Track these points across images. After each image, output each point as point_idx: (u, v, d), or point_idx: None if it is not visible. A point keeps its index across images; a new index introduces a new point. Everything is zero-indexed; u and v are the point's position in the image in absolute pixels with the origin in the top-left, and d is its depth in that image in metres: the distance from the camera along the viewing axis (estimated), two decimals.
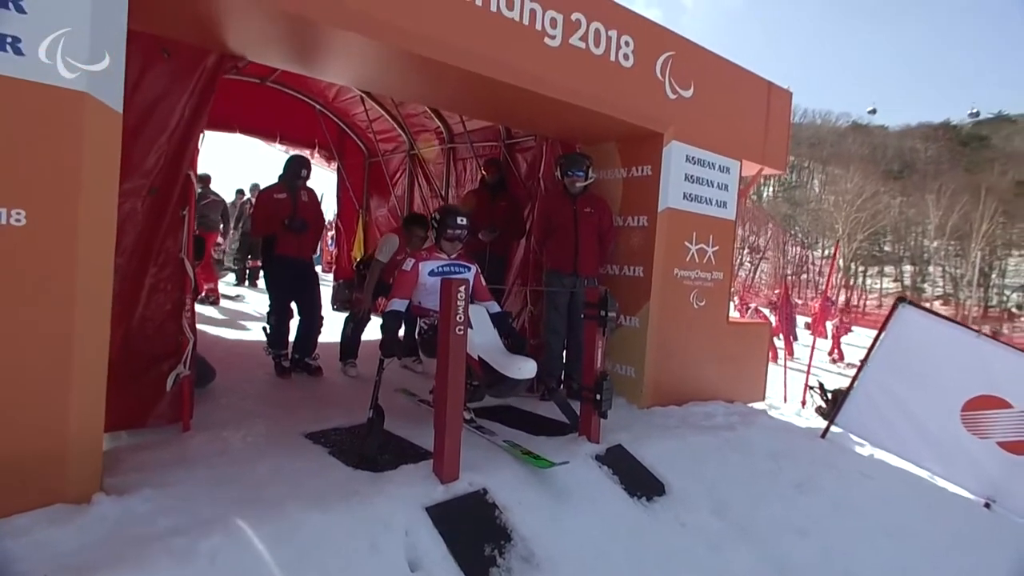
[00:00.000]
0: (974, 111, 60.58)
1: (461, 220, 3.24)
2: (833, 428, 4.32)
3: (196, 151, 3.02)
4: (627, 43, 3.69)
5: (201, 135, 3.02)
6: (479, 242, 4.79)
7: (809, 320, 15.10)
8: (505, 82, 3.19)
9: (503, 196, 5.13)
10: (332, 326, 4.90)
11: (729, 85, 4.51)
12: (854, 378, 4.41)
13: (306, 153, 6.71)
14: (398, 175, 7.53)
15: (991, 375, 3.97)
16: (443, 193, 6.73)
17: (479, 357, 2.87)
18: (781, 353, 10.47)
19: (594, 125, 4.00)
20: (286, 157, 4.63)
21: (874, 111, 63.64)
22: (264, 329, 4.51)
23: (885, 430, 4.22)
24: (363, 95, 6.45)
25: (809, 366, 6.90)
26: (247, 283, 9.55)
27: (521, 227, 5.02)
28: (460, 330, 2.44)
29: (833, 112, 67.62)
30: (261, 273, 6.27)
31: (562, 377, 4.26)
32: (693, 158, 4.28)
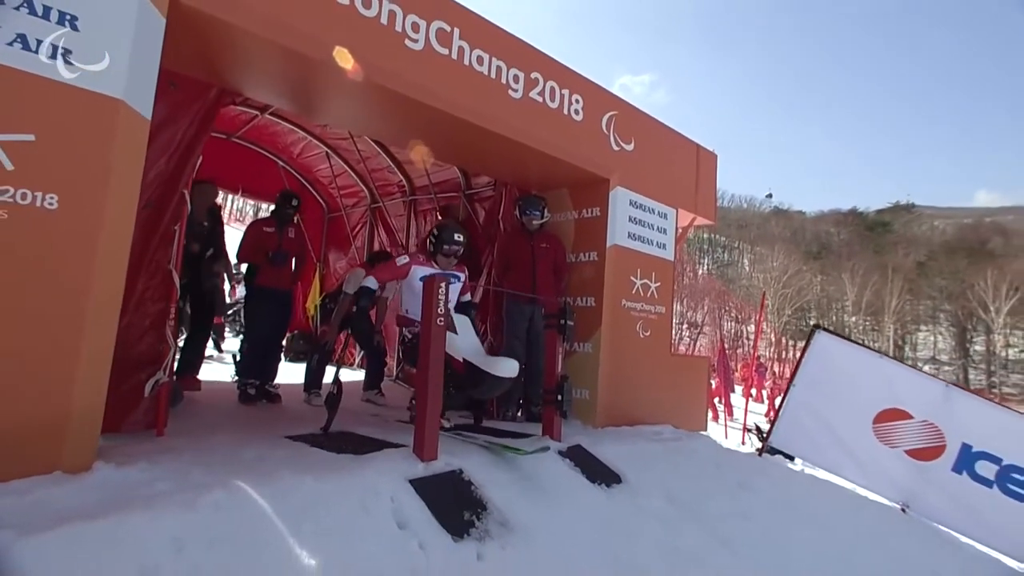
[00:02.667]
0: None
1: (459, 237, 3.58)
2: (766, 456, 4.73)
3: (192, 173, 3.30)
4: (577, 100, 4.32)
5: (198, 159, 3.31)
6: None
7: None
8: (479, 126, 3.68)
9: None
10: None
11: (664, 143, 5.23)
12: (783, 400, 4.90)
13: (265, 205, 6.99)
14: (358, 227, 7.88)
15: (894, 390, 4.53)
16: (404, 243, 7.10)
17: (463, 359, 3.14)
18: (721, 415, 10.99)
19: (549, 171, 4.54)
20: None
21: (770, 195, 70.60)
22: (233, 356, 4.60)
23: (811, 445, 4.68)
24: (328, 151, 6.89)
25: (745, 416, 7.42)
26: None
27: (478, 268, 5.41)
28: (441, 321, 2.74)
29: (757, 197, 73.56)
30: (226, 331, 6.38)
31: (520, 402, 4.57)
32: (635, 203, 4.87)
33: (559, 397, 3.40)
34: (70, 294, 2.23)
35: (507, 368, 3.12)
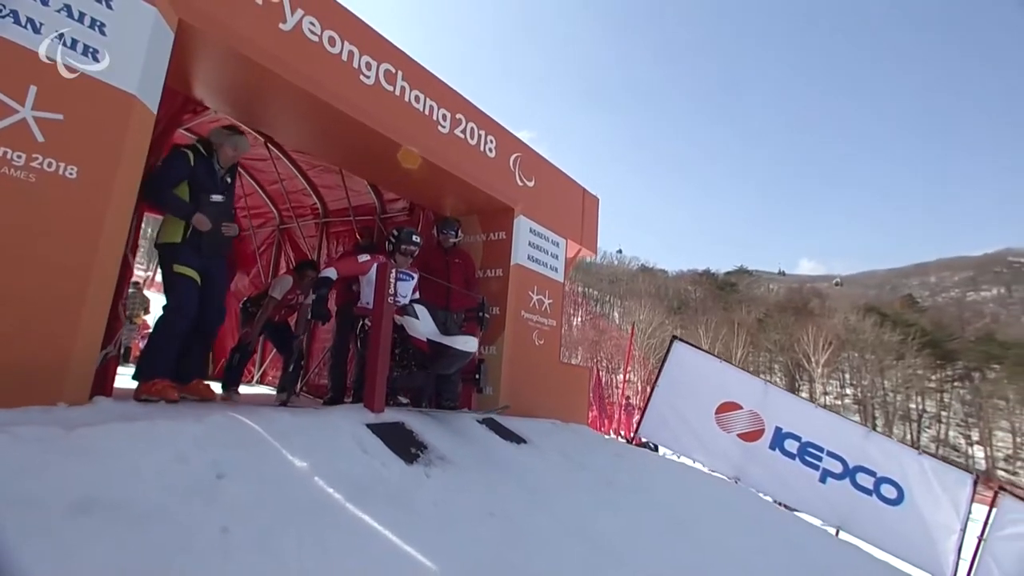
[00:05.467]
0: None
1: (416, 239, 4.18)
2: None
3: (153, 166, 3.66)
4: (491, 141, 5.22)
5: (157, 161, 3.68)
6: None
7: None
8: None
9: None
10: None
11: (558, 184, 6.29)
12: (648, 398, 5.96)
13: None
14: (265, 248, 8.09)
15: (729, 386, 5.77)
16: (316, 265, 7.45)
17: (427, 339, 3.69)
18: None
19: (465, 197, 5.35)
20: None
21: (620, 251, 77.60)
22: None
23: (670, 434, 5.75)
24: (241, 171, 7.17)
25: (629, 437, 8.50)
26: None
27: None
28: (391, 299, 3.36)
29: (626, 256, 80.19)
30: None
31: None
32: (534, 230, 5.82)
33: (476, 376, 4.09)
34: (81, 250, 2.59)
35: (467, 343, 3.67)
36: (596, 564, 2.54)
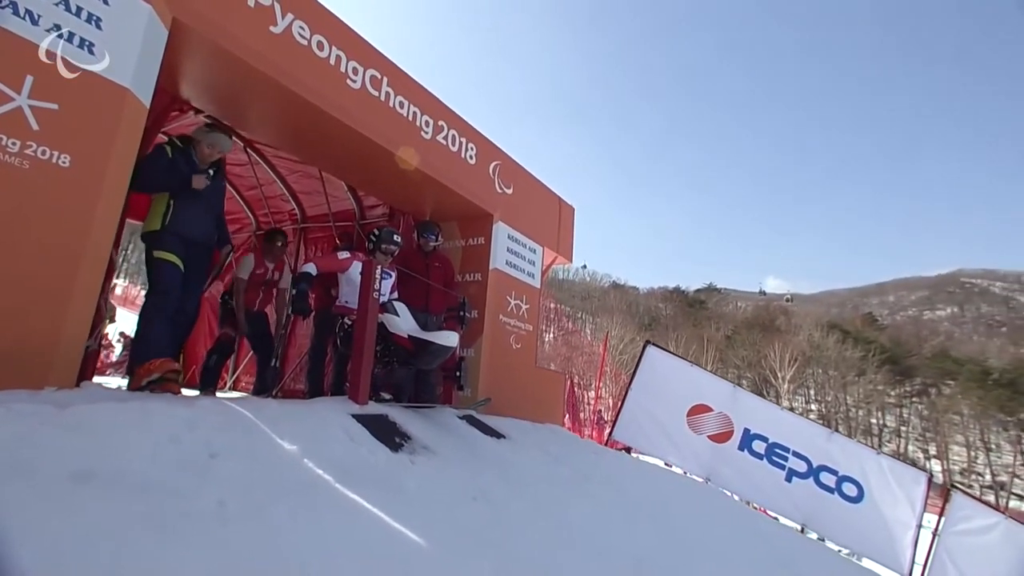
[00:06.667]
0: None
1: (397, 238, 4.26)
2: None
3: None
4: (472, 148, 5.37)
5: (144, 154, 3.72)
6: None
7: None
8: (396, 154, 4.53)
9: None
10: None
11: (535, 192, 6.46)
12: (622, 400, 6.11)
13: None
14: (239, 254, 8.03)
15: (700, 389, 5.97)
16: (293, 268, 7.45)
17: (408, 336, 3.75)
18: None
19: (445, 202, 5.48)
20: None
21: (585, 266, 78.19)
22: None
23: (642, 436, 5.90)
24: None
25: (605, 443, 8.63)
26: None
27: None
28: (376, 296, 3.45)
29: (598, 273, 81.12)
30: None
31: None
32: (512, 237, 5.96)
33: (457, 374, 4.18)
34: (71, 237, 2.62)
35: (449, 338, 3.74)
36: (569, 542, 2.65)
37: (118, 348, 11.54)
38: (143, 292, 4.68)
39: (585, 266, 78.94)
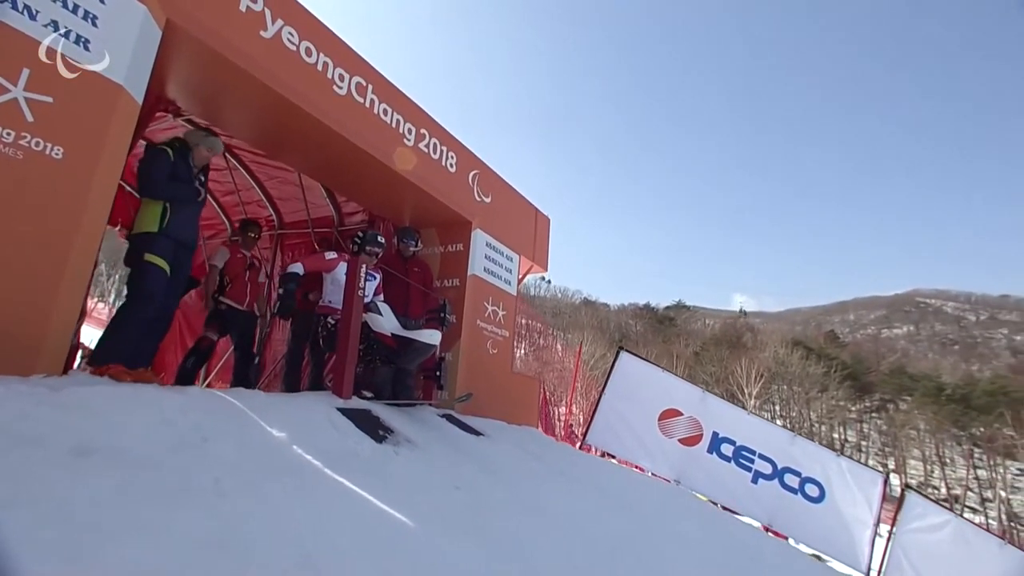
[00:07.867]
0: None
1: (381, 240, 4.34)
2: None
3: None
4: (452, 157, 5.52)
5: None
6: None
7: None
8: (382, 162, 4.64)
9: None
10: None
11: (512, 202, 6.63)
12: (596, 405, 6.26)
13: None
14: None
15: (671, 394, 6.16)
16: (269, 273, 7.44)
17: (392, 334, 3.82)
18: None
19: (426, 208, 5.59)
20: None
21: (549, 281, 78.68)
22: None
23: (615, 440, 6.05)
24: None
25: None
26: None
27: None
28: (360, 293, 3.53)
29: (570, 289, 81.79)
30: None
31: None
32: (490, 244, 6.10)
33: (437, 373, 4.27)
34: (62, 227, 2.65)
35: (431, 336, 3.85)
36: (549, 528, 2.76)
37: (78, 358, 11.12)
38: (98, 304, 4.64)
39: (550, 281, 79.30)
